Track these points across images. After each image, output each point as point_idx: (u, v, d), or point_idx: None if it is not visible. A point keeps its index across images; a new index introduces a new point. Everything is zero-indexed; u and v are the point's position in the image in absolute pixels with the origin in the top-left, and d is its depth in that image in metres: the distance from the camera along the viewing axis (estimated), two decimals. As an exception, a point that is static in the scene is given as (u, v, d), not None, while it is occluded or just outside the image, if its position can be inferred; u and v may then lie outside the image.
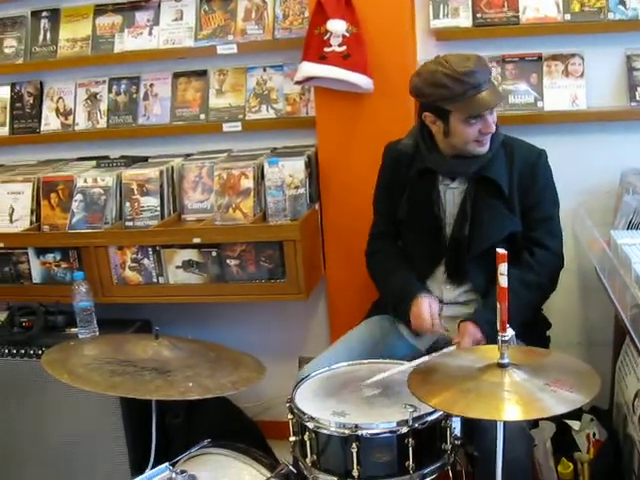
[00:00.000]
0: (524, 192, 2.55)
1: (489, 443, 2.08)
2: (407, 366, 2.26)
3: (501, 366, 1.82)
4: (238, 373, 2.29)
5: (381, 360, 2.44)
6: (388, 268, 2.71)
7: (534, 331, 2.58)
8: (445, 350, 2.37)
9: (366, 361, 2.42)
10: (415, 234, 2.66)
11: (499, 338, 1.82)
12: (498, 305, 1.80)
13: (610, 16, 2.93)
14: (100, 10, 3.43)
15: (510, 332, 1.82)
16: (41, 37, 3.50)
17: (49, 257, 3.21)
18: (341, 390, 2.25)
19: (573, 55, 3.02)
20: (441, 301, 2.59)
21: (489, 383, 1.78)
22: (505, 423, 1.81)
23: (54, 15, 3.49)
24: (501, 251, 1.76)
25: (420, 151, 2.61)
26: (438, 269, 2.63)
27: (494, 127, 2.45)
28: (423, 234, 2.62)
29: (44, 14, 3.49)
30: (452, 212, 2.59)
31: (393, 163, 2.73)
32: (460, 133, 2.46)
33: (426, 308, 2.49)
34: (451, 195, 2.59)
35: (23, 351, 3.04)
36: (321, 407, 2.14)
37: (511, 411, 1.70)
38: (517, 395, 1.74)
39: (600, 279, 2.67)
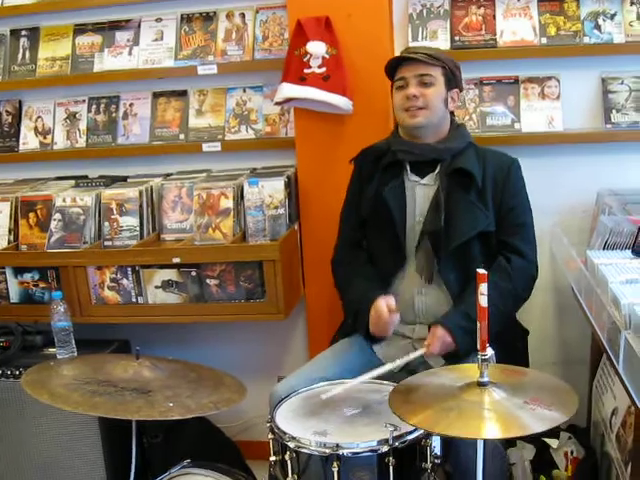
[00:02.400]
0: (498, 195, 2.60)
1: (464, 461, 2.10)
2: (367, 376, 2.33)
3: (481, 385, 1.84)
4: (219, 393, 2.29)
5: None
6: (349, 278, 2.73)
7: (512, 341, 2.62)
8: (413, 355, 2.41)
9: (347, 381, 2.43)
10: (379, 231, 2.67)
11: (479, 357, 1.84)
12: (478, 324, 1.82)
13: (585, 40, 2.99)
14: (80, 30, 3.44)
15: (490, 351, 1.84)
16: (20, 56, 3.50)
17: (27, 277, 3.20)
18: (321, 410, 2.25)
19: (549, 78, 3.07)
20: (412, 321, 2.61)
21: (469, 402, 1.80)
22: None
23: (34, 34, 3.49)
24: (481, 271, 1.78)
25: (390, 146, 2.68)
26: (407, 270, 2.63)
27: (414, 92, 2.56)
28: (387, 229, 2.63)
29: (23, 33, 3.50)
30: (423, 209, 2.61)
31: (362, 161, 2.79)
32: (395, 101, 2.64)
33: (383, 304, 2.49)
34: (421, 192, 2.62)
35: (0, 371, 3.01)
36: (302, 427, 2.15)
37: (491, 429, 1.72)
38: (497, 413, 1.76)
39: (577, 298, 2.69)
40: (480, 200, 2.57)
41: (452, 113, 2.69)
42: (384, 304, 2.50)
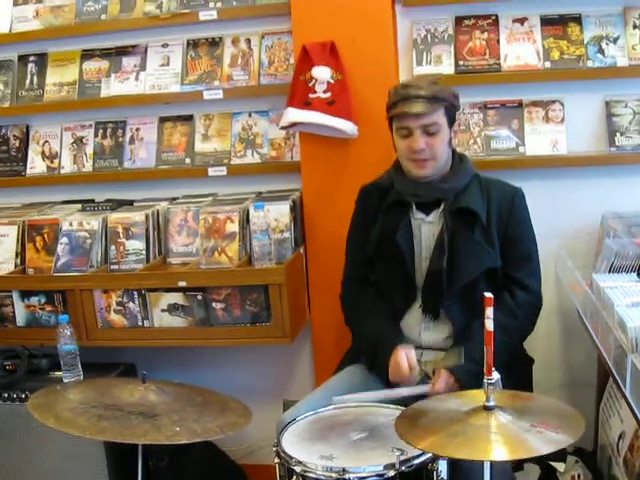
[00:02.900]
0: (503, 227, 2.58)
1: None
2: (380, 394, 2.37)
3: (487, 409, 1.84)
4: (225, 417, 2.29)
5: (366, 404, 2.44)
6: (361, 318, 2.70)
7: (517, 370, 2.59)
8: (419, 388, 2.41)
9: (353, 404, 2.43)
10: (387, 269, 2.66)
11: (485, 381, 1.84)
12: (484, 348, 1.82)
13: (589, 64, 3.01)
14: (87, 55, 3.47)
15: (496, 375, 1.84)
16: (28, 81, 3.52)
17: (34, 300, 3.21)
18: (327, 434, 2.24)
19: (553, 101, 3.09)
20: (420, 347, 2.60)
21: (476, 426, 1.80)
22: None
23: (41, 59, 3.52)
24: (488, 295, 1.78)
25: (394, 184, 2.66)
26: (414, 306, 2.63)
27: (421, 146, 2.51)
28: (396, 269, 2.62)
29: (31, 59, 3.53)
30: (428, 246, 2.60)
31: (364, 197, 2.78)
32: (397, 147, 2.61)
33: (403, 358, 2.47)
34: (427, 229, 2.61)
35: (7, 394, 3.03)
36: (308, 451, 2.14)
37: (498, 452, 1.72)
38: (504, 437, 1.75)
39: (582, 321, 2.69)
40: (485, 238, 2.56)
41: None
42: (404, 357, 2.47)
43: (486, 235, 2.56)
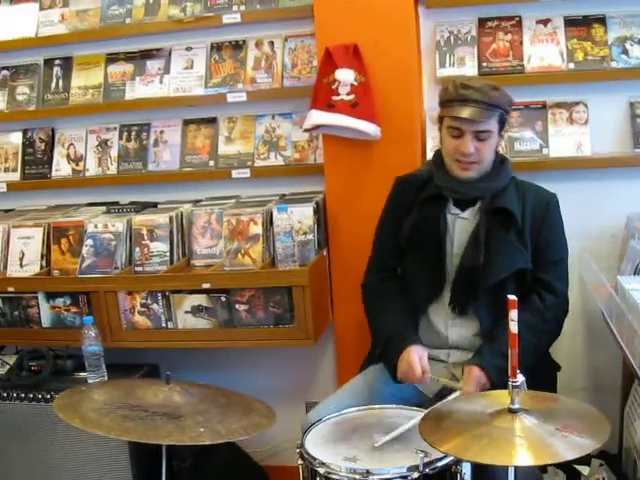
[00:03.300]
0: (536, 231, 2.57)
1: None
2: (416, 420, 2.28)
3: (512, 411, 1.83)
4: (248, 419, 2.30)
5: (390, 406, 2.44)
6: (381, 307, 2.69)
7: (542, 375, 2.58)
8: (451, 397, 2.38)
9: (377, 406, 2.43)
10: (416, 262, 2.65)
11: (510, 384, 1.83)
12: (509, 351, 1.81)
13: (613, 64, 3.00)
14: (112, 58, 3.50)
15: (521, 378, 1.84)
16: (53, 84, 3.56)
17: (59, 301, 3.23)
18: (351, 435, 2.25)
19: (577, 103, 3.07)
20: (447, 345, 2.59)
21: (500, 429, 1.79)
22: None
23: (66, 63, 3.55)
24: (512, 297, 1.78)
25: (432, 177, 2.65)
26: (441, 301, 2.61)
27: (470, 150, 2.48)
28: (426, 261, 2.61)
29: (57, 62, 3.56)
30: (461, 242, 2.59)
31: (401, 188, 2.75)
32: (444, 143, 2.58)
33: (416, 359, 2.46)
34: (460, 225, 2.60)
35: (32, 395, 3.05)
36: (331, 452, 2.15)
37: (523, 457, 1.71)
38: (528, 440, 1.74)
39: (607, 323, 2.68)
40: (519, 239, 2.54)
41: None
42: (417, 360, 2.46)
43: (519, 237, 2.55)
